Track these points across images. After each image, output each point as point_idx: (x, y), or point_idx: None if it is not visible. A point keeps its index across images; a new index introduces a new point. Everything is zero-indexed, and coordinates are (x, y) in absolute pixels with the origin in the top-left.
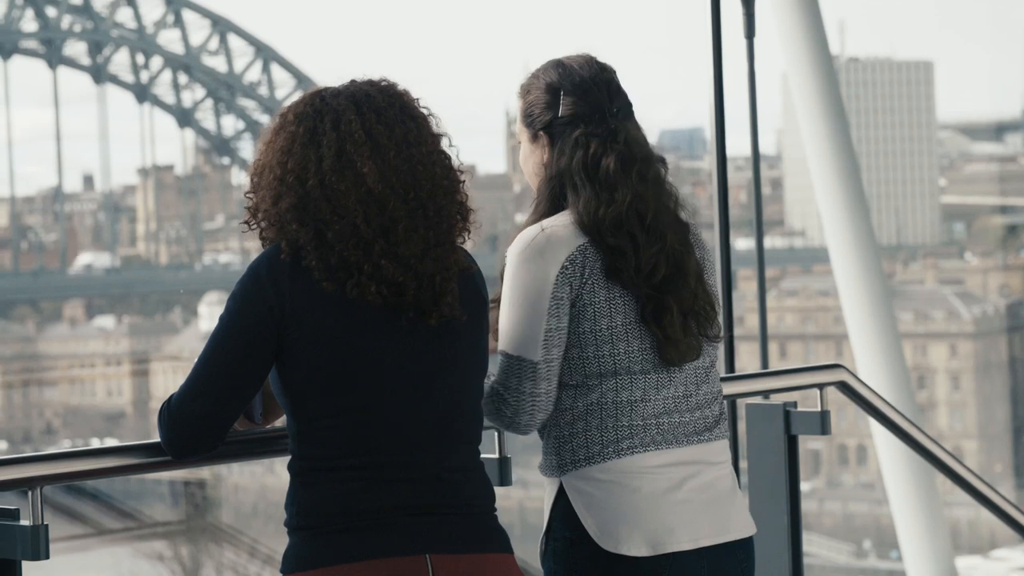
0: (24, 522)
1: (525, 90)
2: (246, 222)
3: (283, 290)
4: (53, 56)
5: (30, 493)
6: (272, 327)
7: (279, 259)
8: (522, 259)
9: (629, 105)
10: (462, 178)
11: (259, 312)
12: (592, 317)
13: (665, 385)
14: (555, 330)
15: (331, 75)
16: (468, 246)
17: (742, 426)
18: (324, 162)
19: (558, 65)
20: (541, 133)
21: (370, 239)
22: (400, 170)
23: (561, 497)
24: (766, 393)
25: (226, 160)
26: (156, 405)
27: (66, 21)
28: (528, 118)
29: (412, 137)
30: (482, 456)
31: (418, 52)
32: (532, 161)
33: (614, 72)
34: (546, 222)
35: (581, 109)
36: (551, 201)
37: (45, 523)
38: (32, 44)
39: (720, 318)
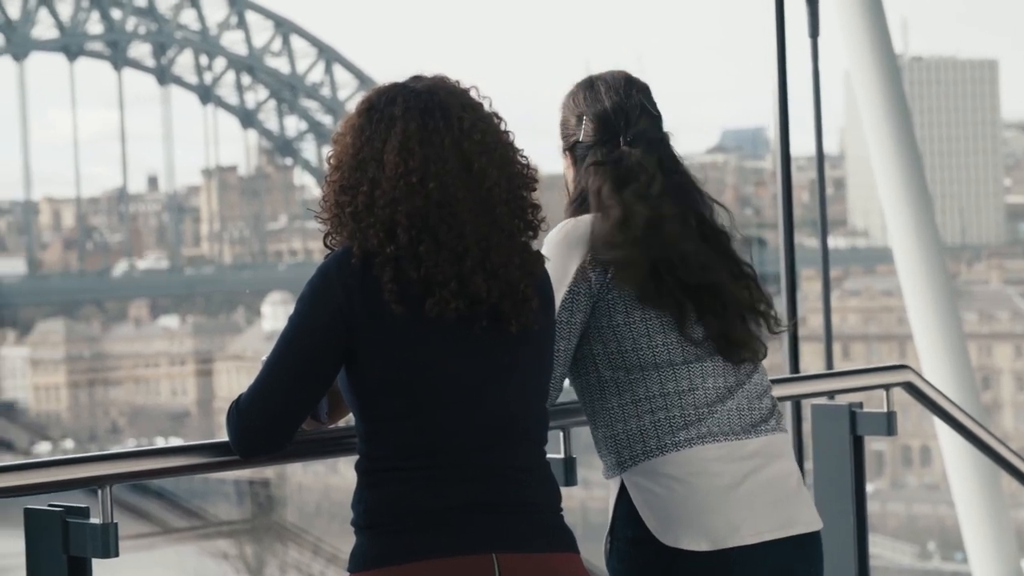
0: (94, 520)
1: (561, 106)
2: (329, 232)
3: (353, 292)
4: (118, 58)
5: (100, 491)
6: (342, 328)
7: (349, 262)
8: (549, 247)
9: (650, 128)
10: (537, 180)
11: (329, 313)
12: (624, 310)
13: (711, 374)
14: (566, 323)
15: (393, 75)
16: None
17: (806, 427)
18: (447, 164)
19: (588, 87)
20: (567, 152)
21: (468, 250)
22: (487, 174)
23: (623, 495)
24: (831, 394)
25: (289, 161)
26: (220, 404)
27: (131, 23)
28: (561, 134)
29: (492, 140)
30: (548, 456)
31: (478, 51)
32: (565, 173)
33: (644, 91)
34: (584, 216)
35: (599, 136)
36: (573, 215)
37: (115, 521)
38: (98, 46)
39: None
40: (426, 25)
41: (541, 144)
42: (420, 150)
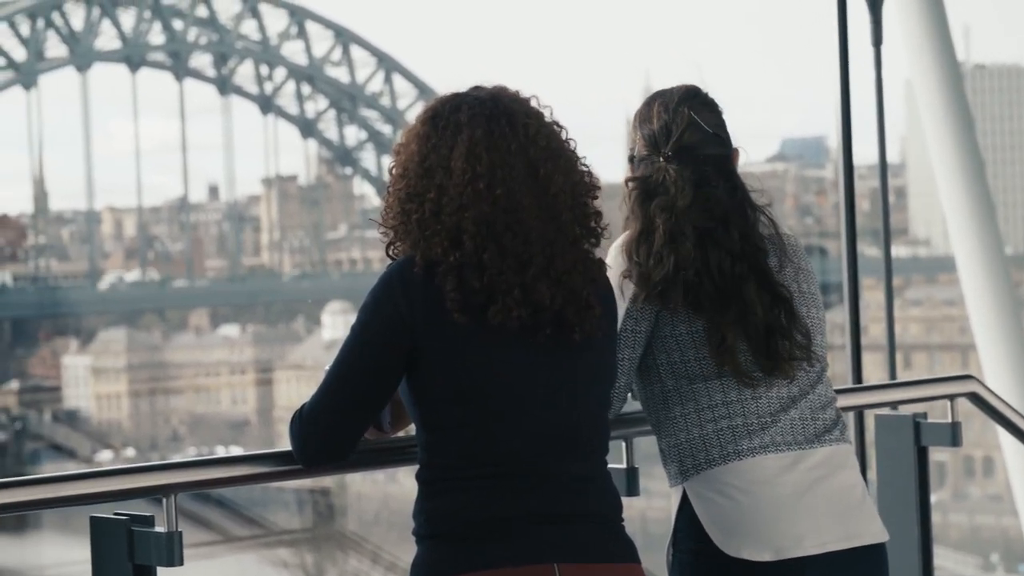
0: (159, 528)
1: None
2: (392, 241)
3: (415, 301)
4: (180, 68)
5: (165, 500)
6: (404, 338)
7: (412, 271)
8: (613, 257)
9: (698, 143)
10: (599, 188)
11: (391, 323)
12: (687, 319)
13: (774, 383)
14: (631, 332)
15: (452, 85)
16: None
17: (869, 437)
18: (514, 170)
19: (647, 102)
20: (629, 165)
21: (533, 256)
22: (553, 180)
23: (685, 505)
24: (895, 404)
25: (348, 170)
26: (280, 414)
27: (192, 34)
28: (628, 145)
29: (556, 146)
30: (609, 466)
31: (537, 58)
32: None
33: (705, 105)
34: None
35: (647, 151)
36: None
37: (179, 530)
38: (159, 57)
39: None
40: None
41: (599, 152)
42: (487, 156)
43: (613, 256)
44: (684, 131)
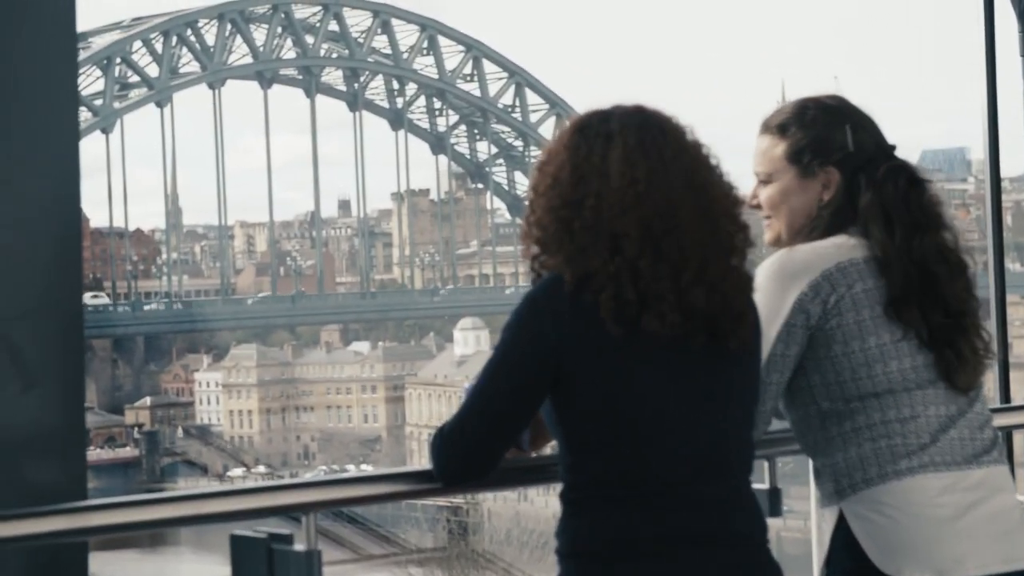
0: (299, 547)
1: (815, 122)
2: (539, 253)
3: (563, 320)
4: (311, 83)
5: (304, 518)
6: (551, 358)
7: (560, 289)
8: (764, 280)
9: (893, 157)
10: (742, 203)
11: (538, 342)
12: (843, 340)
13: (933, 402)
14: (780, 356)
15: (584, 98)
16: None
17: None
18: (670, 175)
19: (843, 106)
20: (832, 165)
21: (689, 261)
22: (708, 188)
23: (841, 525)
24: None
25: (480, 185)
26: (411, 431)
27: (323, 49)
28: (815, 148)
29: (705, 157)
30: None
31: (669, 72)
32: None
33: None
34: (800, 247)
35: (873, 153)
36: (824, 230)
37: (319, 548)
38: (290, 72)
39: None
40: (617, 48)
41: (732, 164)
42: (644, 161)
43: (785, 273)
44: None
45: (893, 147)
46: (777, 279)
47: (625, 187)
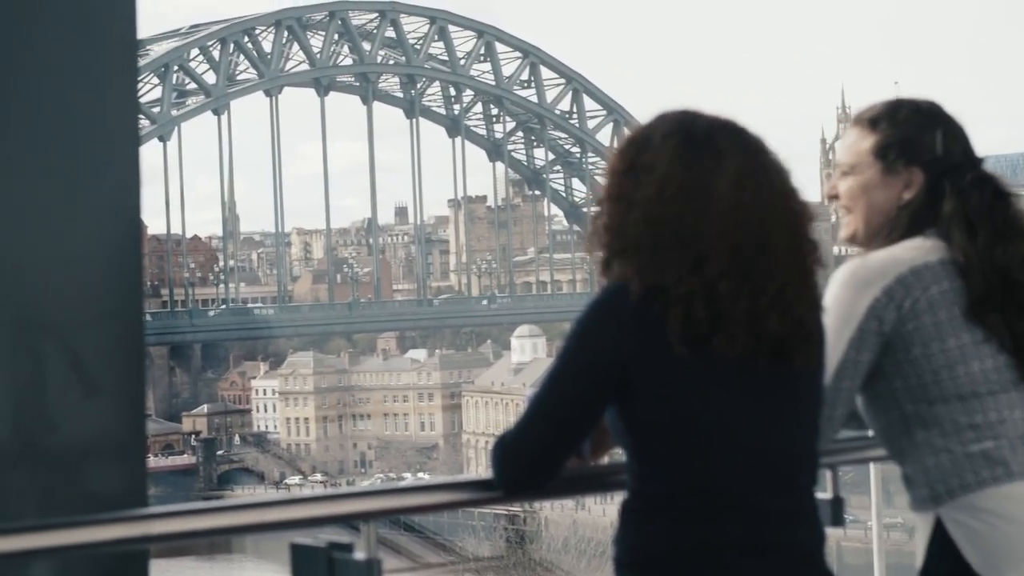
0: (359, 555)
1: (901, 122)
2: (610, 257)
3: (628, 330)
4: (367, 90)
5: (364, 527)
6: (613, 368)
7: (625, 298)
8: (837, 287)
9: (977, 167)
10: (815, 217)
11: (600, 353)
12: (922, 342)
13: (1017, 404)
14: (852, 362)
15: (641, 103)
16: None
17: None
18: (769, 200)
19: (929, 110)
20: (921, 167)
21: (766, 286)
22: (795, 212)
23: (939, 531)
24: None
25: (537, 192)
26: (467, 438)
27: (380, 56)
28: (907, 149)
29: (787, 178)
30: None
31: (728, 77)
32: (894, 188)
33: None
34: (872, 254)
35: (959, 159)
36: (905, 231)
37: (379, 557)
38: (347, 79)
39: None
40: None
41: (795, 170)
42: (753, 185)
43: (858, 280)
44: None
45: (981, 159)
46: (850, 286)
47: (731, 210)
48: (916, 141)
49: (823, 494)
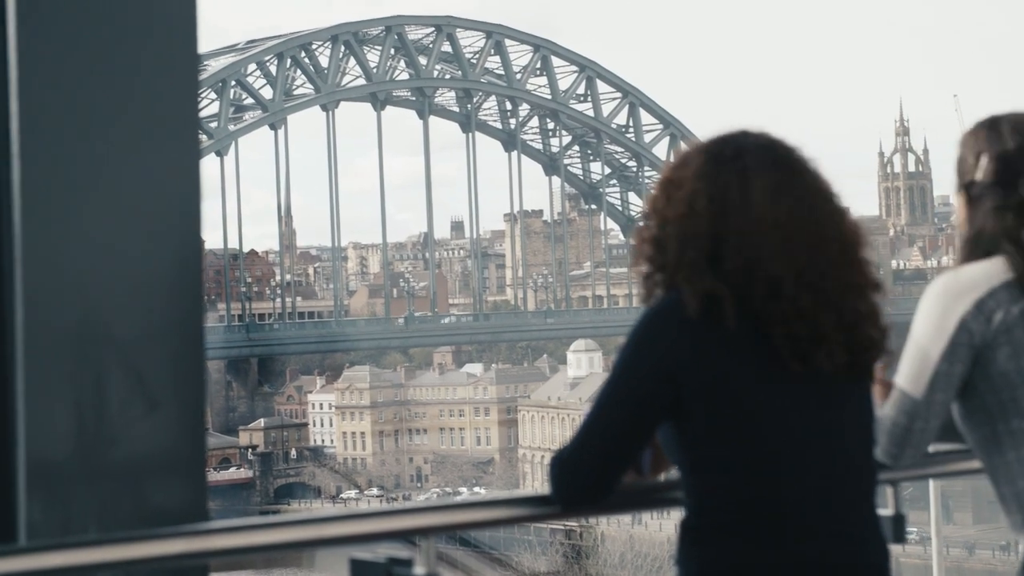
0: (418, 570)
1: (959, 143)
2: (652, 272)
3: (683, 343)
4: (424, 105)
5: (423, 542)
6: (669, 383)
7: (680, 312)
8: (930, 298)
9: None
10: (866, 240)
11: (656, 367)
12: (1014, 355)
13: None
14: (945, 374)
15: (698, 118)
16: None
17: None
18: (805, 216)
19: (990, 126)
20: (962, 190)
21: (825, 302)
22: (839, 229)
23: None
24: None
25: (593, 206)
26: (523, 453)
27: (436, 70)
28: (956, 171)
29: (834, 196)
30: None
31: (784, 90)
32: (959, 212)
33: None
34: (965, 267)
35: (999, 176)
36: (968, 255)
37: (438, 572)
38: (404, 93)
39: None
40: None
41: (848, 185)
42: (785, 202)
43: (950, 293)
44: None
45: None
46: (942, 299)
47: (769, 229)
48: (964, 162)
49: (884, 511)
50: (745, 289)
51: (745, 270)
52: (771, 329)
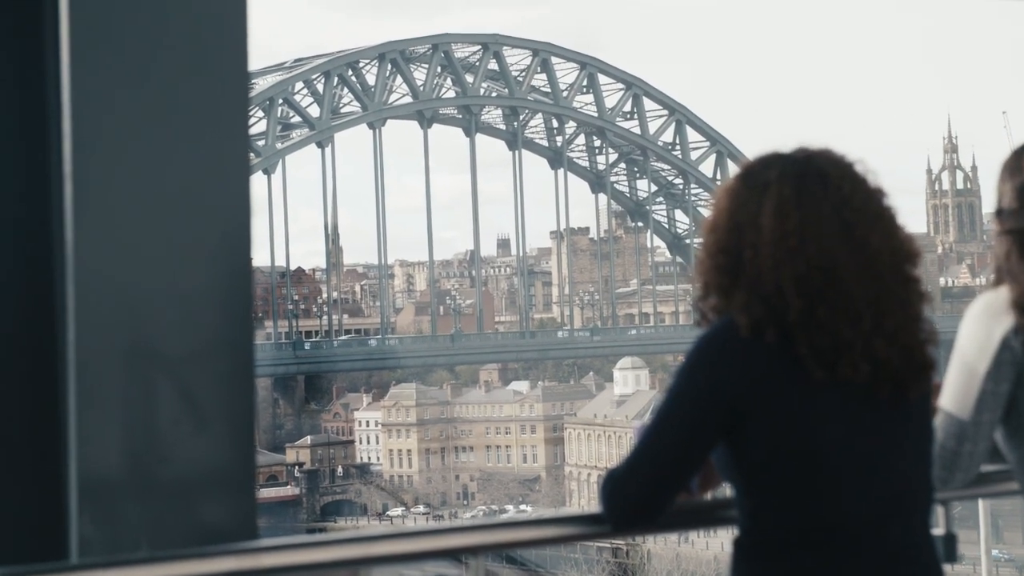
0: None
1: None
2: (704, 295)
3: (739, 369)
4: (470, 122)
5: (472, 561)
6: (724, 406)
7: (737, 335)
8: (971, 319)
9: None
10: (920, 255)
11: (711, 390)
12: None
13: None
14: (991, 393)
15: (745, 135)
16: None
17: None
18: (825, 228)
19: (1019, 154)
20: (996, 218)
21: (861, 313)
22: (870, 241)
23: None
24: None
25: (639, 223)
26: (570, 471)
27: (483, 88)
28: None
29: (874, 209)
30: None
31: (831, 106)
32: (993, 234)
33: None
34: (1005, 285)
35: (1019, 203)
36: (1000, 278)
37: None
38: (450, 111)
39: None
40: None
41: (896, 202)
42: (796, 214)
43: (991, 312)
44: None
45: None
46: (982, 318)
47: (776, 241)
48: (997, 187)
49: (936, 530)
50: (782, 310)
51: (762, 283)
52: (772, 341)
